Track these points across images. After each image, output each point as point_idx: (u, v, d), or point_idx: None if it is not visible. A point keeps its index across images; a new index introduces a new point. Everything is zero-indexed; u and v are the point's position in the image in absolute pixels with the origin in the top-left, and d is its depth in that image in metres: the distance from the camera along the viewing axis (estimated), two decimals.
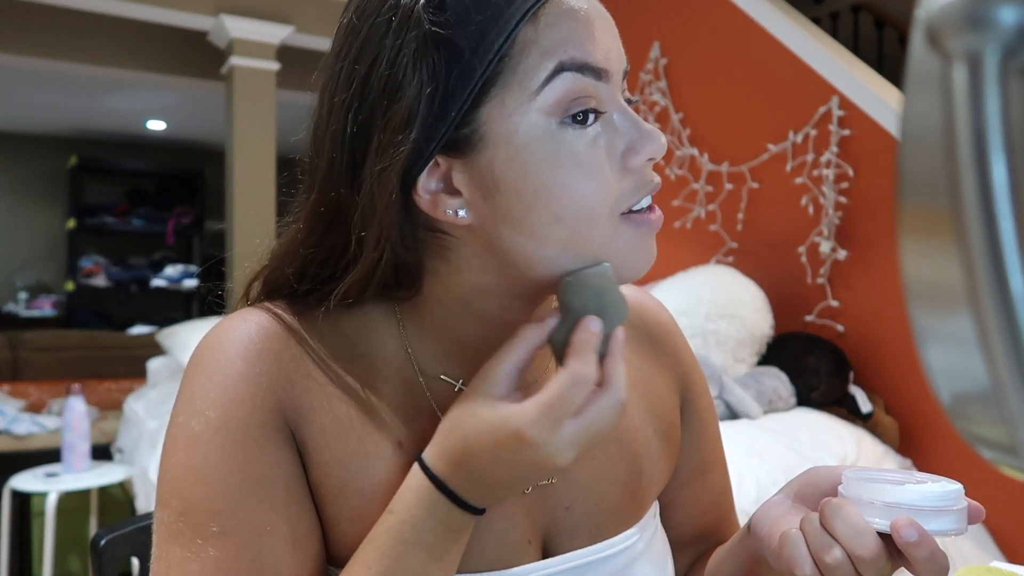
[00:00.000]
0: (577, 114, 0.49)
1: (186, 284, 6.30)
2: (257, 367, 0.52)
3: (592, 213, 0.49)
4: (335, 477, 0.53)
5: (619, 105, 0.51)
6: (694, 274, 2.52)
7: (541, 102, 0.48)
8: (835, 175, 2.36)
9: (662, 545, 0.67)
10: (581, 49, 0.48)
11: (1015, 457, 0.22)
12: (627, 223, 0.52)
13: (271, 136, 3.78)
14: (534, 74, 0.48)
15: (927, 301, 0.23)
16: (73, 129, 6.31)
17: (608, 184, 0.50)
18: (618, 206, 0.51)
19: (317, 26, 3.82)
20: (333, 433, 0.54)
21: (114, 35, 3.98)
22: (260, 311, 0.56)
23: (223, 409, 0.51)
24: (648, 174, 0.53)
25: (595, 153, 0.49)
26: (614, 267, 0.51)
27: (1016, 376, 0.20)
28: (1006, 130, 0.19)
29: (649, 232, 0.53)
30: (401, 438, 0.55)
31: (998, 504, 2.05)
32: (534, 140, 0.48)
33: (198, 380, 0.53)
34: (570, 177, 0.48)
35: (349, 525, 0.53)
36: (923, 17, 0.21)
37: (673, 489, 0.71)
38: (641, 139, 0.51)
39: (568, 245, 0.50)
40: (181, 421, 0.52)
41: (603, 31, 0.50)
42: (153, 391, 2.86)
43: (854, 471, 0.52)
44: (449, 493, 0.48)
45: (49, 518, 2.35)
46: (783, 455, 1.87)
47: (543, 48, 0.48)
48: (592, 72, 0.49)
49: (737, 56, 2.70)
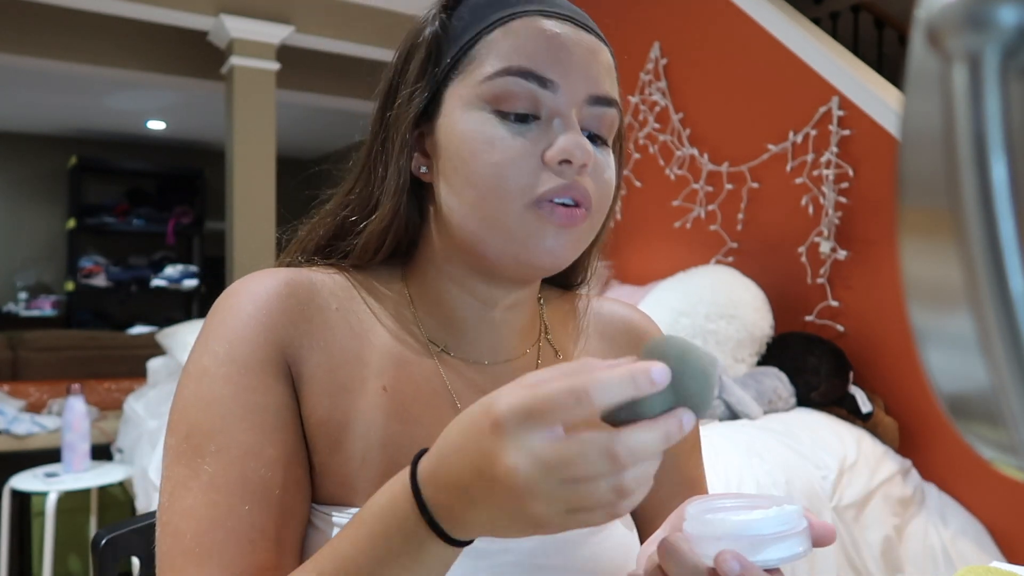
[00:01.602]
0: (512, 112, 0.58)
1: (186, 284, 6.30)
2: (264, 310, 0.59)
3: (499, 185, 0.58)
4: (322, 408, 0.60)
5: (565, 117, 0.59)
6: (694, 274, 2.52)
7: (483, 91, 0.59)
8: (835, 175, 2.36)
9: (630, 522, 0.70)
10: (531, 60, 0.58)
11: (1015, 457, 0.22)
12: (535, 210, 0.58)
13: (271, 136, 3.77)
14: (486, 70, 0.59)
15: (927, 301, 0.23)
16: (73, 129, 6.31)
17: (520, 168, 0.58)
18: (530, 191, 0.58)
19: (317, 26, 3.82)
20: (326, 368, 0.60)
21: (114, 35, 3.98)
22: (280, 268, 0.64)
23: (230, 345, 0.58)
24: (565, 173, 0.58)
25: (515, 141, 0.58)
26: (516, 251, 0.58)
27: (1016, 376, 0.20)
28: (1006, 130, 0.19)
29: (554, 226, 0.58)
30: (386, 383, 0.62)
31: (998, 504, 2.05)
32: (470, 118, 0.59)
33: (213, 323, 0.60)
34: (487, 151, 0.58)
35: (327, 455, 0.59)
36: (923, 17, 0.21)
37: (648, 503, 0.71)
38: (563, 141, 0.58)
39: (476, 207, 0.59)
40: (196, 358, 0.59)
41: (569, 55, 0.59)
42: (153, 391, 2.86)
43: (698, 503, 0.51)
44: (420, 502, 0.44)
45: (49, 518, 2.35)
46: (783, 455, 1.87)
47: (500, 52, 0.59)
48: (536, 80, 0.58)
49: (737, 56, 2.70)
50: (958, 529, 2.04)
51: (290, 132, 5.95)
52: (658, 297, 2.46)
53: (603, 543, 0.64)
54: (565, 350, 0.72)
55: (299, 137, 6.38)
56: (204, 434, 0.55)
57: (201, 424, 0.56)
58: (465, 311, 0.65)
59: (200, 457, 0.55)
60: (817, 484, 1.86)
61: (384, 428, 0.60)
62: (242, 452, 0.55)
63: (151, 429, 2.56)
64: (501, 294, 0.65)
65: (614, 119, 0.63)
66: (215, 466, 0.55)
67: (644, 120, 3.01)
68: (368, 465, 0.59)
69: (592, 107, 0.61)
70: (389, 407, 0.61)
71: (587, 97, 0.60)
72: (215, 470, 0.54)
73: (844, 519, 1.87)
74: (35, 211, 6.43)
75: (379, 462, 0.59)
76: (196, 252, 6.59)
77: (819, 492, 1.85)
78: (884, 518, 1.95)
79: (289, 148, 6.48)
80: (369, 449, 0.59)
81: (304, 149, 6.97)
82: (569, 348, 0.73)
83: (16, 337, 3.81)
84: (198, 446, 0.55)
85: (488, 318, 0.66)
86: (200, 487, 0.54)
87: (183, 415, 0.57)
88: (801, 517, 0.48)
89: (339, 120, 5.39)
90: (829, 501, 1.86)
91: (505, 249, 0.59)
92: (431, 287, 0.66)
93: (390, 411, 0.61)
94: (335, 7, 3.83)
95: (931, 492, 2.13)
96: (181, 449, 0.56)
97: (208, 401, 0.56)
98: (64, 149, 6.36)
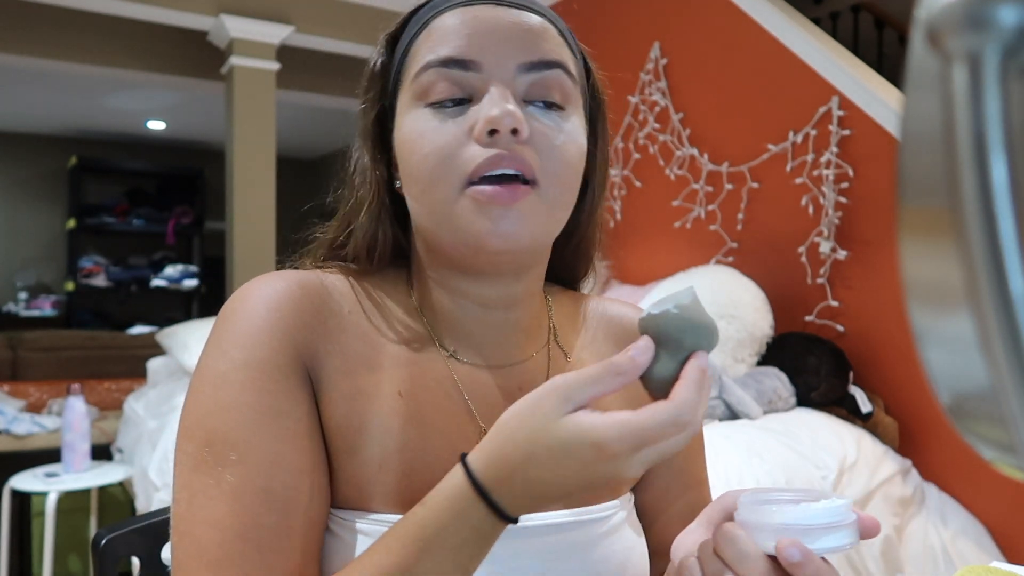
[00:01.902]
0: (441, 101, 0.59)
1: (186, 284, 6.30)
2: (278, 313, 0.59)
3: (433, 175, 0.58)
4: (339, 413, 0.59)
5: (491, 92, 0.58)
6: (694, 274, 2.52)
7: (414, 91, 0.60)
8: (835, 175, 2.36)
9: (639, 526, 0.70)
10: (449, 47, 0.59)
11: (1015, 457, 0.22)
12: (469, 194, 0.57)
13: (271, 136, 3.77)
14: (412, 72, 0.61)
15: (927, 301, 0.23)
16: (73, 129, 6.31)
17: (450, 153, 0.57)
18: (463, 174, 0.57)
19: (317, 26, 3.82)
20: (344, 372, 0.60)
21: (114, 35, 3.98)
22: (291, 271, 0.64)
23: (247, 351, 0.57)
24: (499, 143, 0.57)
25: (444, 127, 0.58)
26: (464, 239, 0.58)
27: (1016, 376, 0.20)
28: (1006, 130, 0.19)
29: (496, 206, 0.57)
30: (401, 388, 0.61)
31: (998, 504, 2.05)
32: (408, 118, 0.61)
33: (226, 327, 0.59)
34: (420, 144, 0.59)
35: (344, 459, 0.58)
36: (923, 17, 0.21)
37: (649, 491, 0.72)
38: (485, 111, 0.57)
39: (422, 201, 0.60)
40: (209, 363, 0.57)
41: (490, 32, 0.59)
42: (153, 391, 2.86)
43: (749, 495, 0.53)
44: (490, 501, 0.48)
45: (49, 518, 2.35)
46: (783, 455, 1.87)
47: (423, 50, 0.61)
48: (456, 64, 0.59)
49: (737, 56, 2.70)
50: (958, 529, 2.04)
51: (290, 132, 5.95)
52: (658, 297, 2.46)
53: (613, 546, 0.64)
54: (573, 352, 0.71)
55: (299, 137, 6.38)
56: (225, 442, 0.54)
57: (222, 431, 0.54)
58: (463, 313, 0.65)
59: (221, 466, 0.53)
60: (817, 484, 1.86)
61: (401, 433, 0.59)
62: (266, 461, 0.54)
63: (151, 429, 2.56)
64: (490, 291, 0.64)
65: (560, 80, 0.60)
66: (238, 475, 0.53)
67: (644, 120, 3.01)
68: (385, 470, 0.58)
69: (528, 74, 0.59)
70: (406, 412, 0.60)
71: (519, 66, 0.59)
72: (238, 479, 0.53)
73: None
74: (35, 211, 6.43)
75: (396, 467, 0.58)
76: (196, 252, 6.58)
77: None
78: (884, 518, 1.95)
79: (289, 148, 6.48)
80: (386, 455, 0.58)
81: (304, 149, 6.97)
82: (578, 350, 0.72)
83: (16, 337, 3.81)
84: (219, 454, 0.54)
85: (488, 319, 0.65)
86: (223, 496, 0.53)
87: (200, 422, 0.55)
88: (850, 510, 0.51)
89: (339, 120, 5.39)
90: None
91: (455, 239, 0.59)
92: (429, 293, 0.66)
93: (407, 416, 0.60)
94: (335, 7, 3.83)
95: (931, 492, 2.13)
96: (200, 457, 0.54)
97: (228, 408, 0.55)
98: (64, 149, 6.36)
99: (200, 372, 0.58)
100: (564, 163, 0.59)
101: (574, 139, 0.61)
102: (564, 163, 0.59)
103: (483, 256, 0.59)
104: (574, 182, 0.61)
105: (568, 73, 0.61)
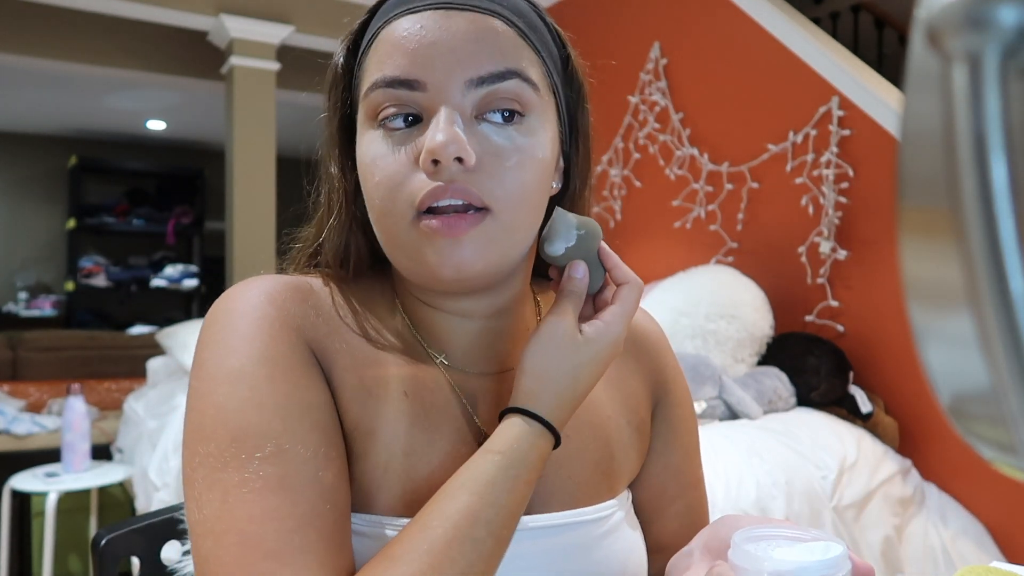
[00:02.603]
0: (389, 118, 0.57)
1: (186, 284, 6.30)
2: (285, 309, 0.57)
3: (384, 205, 0.57)
4: (352, 414, 0.58)
5: (436, 115, 0.55)
6: (694, 274, 2.52)
7: (366, 110, 0.58)
8: (835, 175, 2.36)
9: (638, 525, 0.70)
10: (392, 66, 0.56)
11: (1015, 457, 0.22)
12: (417, 225, 0.56)
13: (271, 136, 3.78)
14: (361, 92, 0.59)
15: (927, 301, 0.23)
16: (73, 129, 6.31)
17: (399, 183, 0.56)
18: (410, 203, 0.55)
19: (317, 26, 3.82)
20: (352, 372, 0.59)
21: (114, 35, 3.98)
22: (277, 275, 0.62)
23: (263, 344, 0.55)
24: (438, 172, 0.54)
25: (395, 155, 0.56)
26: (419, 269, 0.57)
27: (1016, 376, 0.20)
28: (1006, 130, 0.19)
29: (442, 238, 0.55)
30: (406, 388, 0.60)
31: (998, 504, 2.05)
32: (363, 140, 0.59)
33: (226, 325, 0.56)
34: (373, 171, 0.57)
35: (353, 461, 0.57)
36: (923, 17, 0.21)
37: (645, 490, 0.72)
38: (428, 141, 0.54)
39: (379, 228, 0.59)
40: (214, 364, 0.55)
41: (431, 47, 0.56)
42: (153, 391, 2.86)
43: (743, 532, 0.51)
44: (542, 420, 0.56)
45: (49, 518, 2.35)
46: (783, 455, 1.87)
47: (371, 69, 0.58)
48: (402, 84, 0.56)
49: (737, 56, 2.70)
50: (958, 529, 2.05)
51: (290, 132, 5.94)
52: (658, 297, 2.46)
53: (613, 545, 0.64)
54: None
55: (299, 137, 6.38)
56: (260, 436, 0.52)
57: (254, 426, 0.52)
58: (445, 323, 0.64)
59: (259, 460, 0.51)
60: (817, 484, 1.86)
61: (407, 436, 0.59)
62: (310, 452, 0.53)
63: (151, 429, 2.56)
64: (468, 305, 0.62)
65: (516, 89, 0.57)
66: (283, 466, 0.51)
67: (644, 120, 3.01)
68: (390, 474, 0.58)
69: (478, 89, 0.56)
70: (411, 414, 0.59)
71: (468, 81, 0.56)
72: (284, 470, 0.51)
73: (844, 519, 1.87)
74: (35, 211, 6.43)
75: (400, 470, 0.58)
76: (196, 252, 6.58)
77: (819, 492, 1.85)
78: (884, 518, 1.95)
79: (289, 148, 6.47)
80: (392, 457, 0.58)
81: (304, 149, 6.96)
82: None
83: (16, 337, 3.81)
84: (253, 448, 0.51)
85: (471, 329, 0.64)
86: (269, 489, 0.50)
87: (221, 421, 0.52)
88: (846, 559, 0.49)
89: None
90: (829, 501, 1.86)
91: (411, 267, 0.58)
92: (410, 303, 0.65)
93: (412, 418, 0.59)
94: (335, 7, 3.83)
95: (931, 492, 2.13)
96: (229, 454, 0.51)
97: (257, 403, 0.53)
98: (64, 149, 6.36)
99: (206, 372, 0.55)
100: (518, 184, 0.56)
101: (532, 153, 0.57)
102: (518, 184, 0.56)
103: (440, 284, 0.58)
104: (534, 199, 0.58)
105: (525, 79, 0.57)
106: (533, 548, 0.60)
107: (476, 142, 0.56)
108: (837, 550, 0.48)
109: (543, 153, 0.59)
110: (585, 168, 0.68)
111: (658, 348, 0.75)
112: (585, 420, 0.66)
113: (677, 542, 0.71)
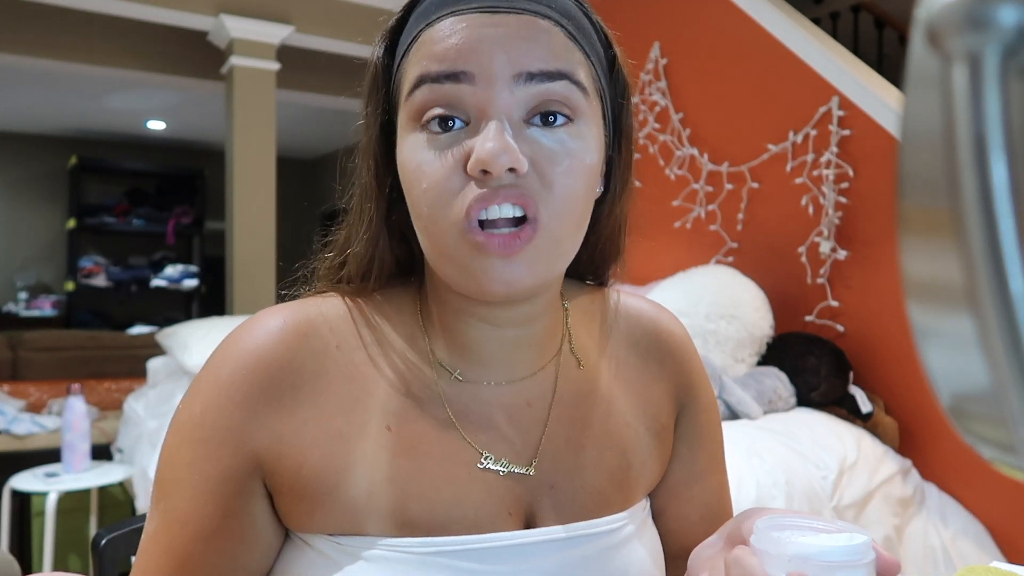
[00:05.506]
0: (435, 121, 0.54)
1: (186, 284, 6.30)
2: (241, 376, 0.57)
3: (432, 214, 0.54)
4: (313, 459, 0.57)
5: (486, 114, 0.53)
6: (694, 274, 2.52)
7: (409, 111, 0.56)
8: (835, 175, 2.36)
9: (654, 536, 0.68)
10: (440, 61, 0.54)
11: (1015, 457, 0.22)
12: (470, 237, 0.53)
13: (271, 136, 3.78)
14: (405, 90, 0.57)
15: (927, 301, 0.23)
16: (73, 129, 6.32)
17: (447, 192, 0.54)
18: (460, 212, 0.53)
19: (317, 26, 3.82)
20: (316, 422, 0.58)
21: (114, 35, 3.98)
22: (284, 307, 0.62)
23: (203, 408, 0.58)
24: (486, 181, 0.53)
25: (441, 161, 0.54)
26: (468, 283, 0.55)
27: (1016, 376, 0.20)
28: (1006, 130, 0.19)
29: (485, 252, 0.53)
30: (391, 422, 0.59)
31: (998, 504, 2.05)
32: (406, 145, 0.56)
33: (203, 376, 0.59)
34: (419, 179, 0.55)
35: (325, 495, 0.57)
36: (923, 17, 0.21)
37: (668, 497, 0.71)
38: (477, 147, 0.52)
39: (425, 237, 0.57)
40: (181, 408, 0.60)
41: (481, 39, 0.53)
42: (153, 391, 2.86)
43: (767, 519, 0.51)
44: None
45: (49, 518, 2.35)
46: (783, 455, 1.87)
47: (411, 69, 0.56)
48: (448, 78, 0.53)
49: (737, 56, 2.70)
50: (958, 529, 2.05)
51: (290, 132, 5.95)
52: (658, 297, 2.46)
53: (623, 559, 0.62)
54: (588, 357, 0.68)
55: (299, 137, 6.38)
56: (160, 489, 0.59)
57: (161, 478, 0.59)
58: (474, 333, 0.61)
59: (156, 510, 0.59)
60: (817, 484, 1.86)
61: (390, 464, 0.58)
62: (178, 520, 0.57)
63: (151, 429, 2.56)
64: (502, 313, 0.60)
65: (566, 92, 0.55)
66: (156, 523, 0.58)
67: (644, 120, 3.01)
68: (376, 498, 0.57)
69: (528, 86, 0.54)
70: (395, 445, 0.58)
71: (515, 76, 0.53)
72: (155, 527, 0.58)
73: (844, 519, 1.87)
74: (35, 211, 6.43)
75: (387, 496, 0.57)
76: (196, 252, 6.59)
77: (819, 492, 1.85)
78: (884, 518, 1.95)
79: (289, 148, 6.48)
80: (374, 485, 0.57)
81: (304, 149, 6.97)
82: (593, 354, 0.69)
83: (16, 337, 3.81)
84: (157, 499, 0.59)
85: (501, 337, 0.62)
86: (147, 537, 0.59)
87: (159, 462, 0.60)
88: (870, 548, 0.48)
89: (339, 120, 5.39)
90: (829, 501, 1.86)
91: (460, 280, 0.56)
92: (438, 312, 0.63)
93: (396, 448, 0.58)
94: (335, 7, 3.83)
95: (931, 492, 2.13)
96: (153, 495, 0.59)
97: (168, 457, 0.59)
98: (64, 149, 6.36)
99: (175, 414, 0.60)
100: (567, 191, 0.54)
101: (582, 158, 0.55)
102: (567, 191, 0.54)
103: (487, 298, 0.56)
104: (580, 207, 0.57)
105: (574, 82, 0.55)
106: (542, 565, 0.59)
107: (527, 146, 0.54)
108: (861, 539, 0.48)
109: (591, 158, 0.57)
110: (627, 171, 0.65)
111: (683, 352, 0.72)
112: (602, 429, 0.65)
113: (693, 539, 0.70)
